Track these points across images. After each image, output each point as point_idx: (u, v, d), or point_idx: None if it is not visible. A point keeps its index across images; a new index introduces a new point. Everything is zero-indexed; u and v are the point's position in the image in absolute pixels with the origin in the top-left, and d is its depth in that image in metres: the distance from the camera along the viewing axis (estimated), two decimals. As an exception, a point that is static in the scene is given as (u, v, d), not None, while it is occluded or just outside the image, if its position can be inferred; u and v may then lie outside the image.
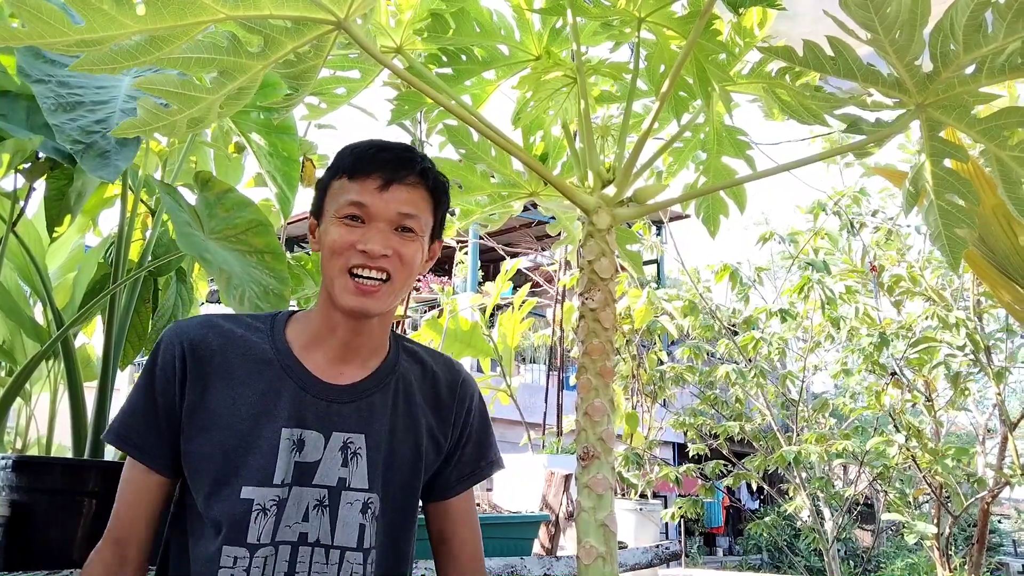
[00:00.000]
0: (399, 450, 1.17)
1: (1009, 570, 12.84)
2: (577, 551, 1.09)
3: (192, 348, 1.10)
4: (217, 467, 1.07)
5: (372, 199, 1.08)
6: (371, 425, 1.14)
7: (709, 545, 15.59)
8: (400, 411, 1.18)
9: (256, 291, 1.58)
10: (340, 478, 1.11)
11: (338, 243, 1.08)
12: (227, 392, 1.09)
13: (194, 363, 1.10)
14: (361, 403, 1.14)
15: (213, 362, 1.10)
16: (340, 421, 1.12)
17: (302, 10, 1.02)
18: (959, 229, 1.14)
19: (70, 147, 1.33)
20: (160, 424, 1.09)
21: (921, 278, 4.80)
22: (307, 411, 1.11)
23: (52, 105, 1.36)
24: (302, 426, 1.10)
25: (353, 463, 1.12)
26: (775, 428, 5.64)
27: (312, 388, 1.12)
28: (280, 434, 1.08)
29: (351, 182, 1.10)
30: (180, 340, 1.11)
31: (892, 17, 0.98)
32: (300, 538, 1.08)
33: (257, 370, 1.11)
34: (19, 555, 1.48)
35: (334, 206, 1.10)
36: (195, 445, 1.08)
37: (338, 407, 1.13)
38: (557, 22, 1.39)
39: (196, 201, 1.75)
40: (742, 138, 1.48)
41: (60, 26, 0.89)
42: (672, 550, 2.67)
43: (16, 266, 2.01)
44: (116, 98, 1.45)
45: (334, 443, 1.11)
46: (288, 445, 1.08)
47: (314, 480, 1.09)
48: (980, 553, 4.21)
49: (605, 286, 1.17)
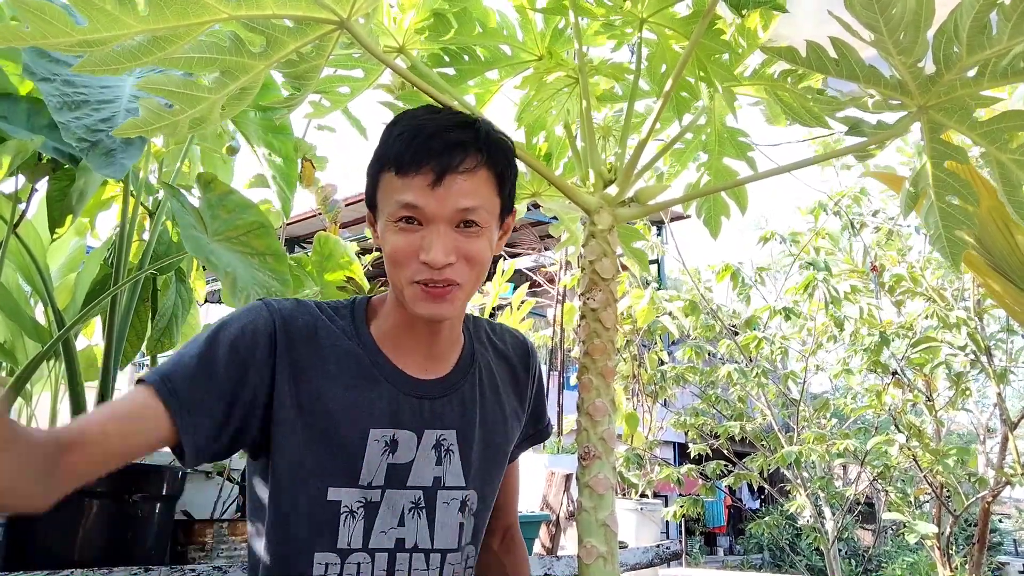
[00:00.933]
0: (491, 441, 1.13)
1: (1009, 570, 12.84)
2: (578, 551, 1.09)
3: (285, 329, 1.00)
4: (302, 464, 0.99)
5: (425, 199, 0.95)
6: (463, 419, 1.09)
7: (710, 544, 15.60)
8: (488, 400, 1.14)
9: (259, 293, 1.58)
10: (435, 477, 1.06)
11: (399, 253, 0.98)
12: (318, 382, 1.00)
13: (286, 345, 0.99)
14: (452, 397, 1.09)
15: (306, 347, 1.01)
16: (432, 418, 1.06)
17: (304, 10, 1.02)
18: (959, 230, 1.14)
19: (76, 145, 1.33)
20: (211, 387, 0.94)
21: (922, 278, 4.80)
22: (399, 409, 1.04)
23: (58, 103, 1.36)
24: (395, 426, 1.03)
25: (447, 460, 1.07)
26: (776, 428, 5.64)
27: (402, 385, 1.05)
28: (369, 434, 1.01)
29: (399, 178, 0.96)
30: (272, 316, 1.00)
31: (897, 18, 0.98)
32: (397, 544, 1.03)
33: (346, 363, 1.03)
34: (19, 555, 1.49)
35: (387, 206, 0.99)
36: (281, 436, 0.98)
37: (429, 403, 1.07)
38: (560, 22, 1.39)
39: (199, 202, 1.76)
40: (743, 139, 1.48)
41: (63, 26, 0.89)
42: (673, 550, 2.67)
43: (17, 267, 2.01)
44: (120, 97, 1.46)
45: (427, 441, 1.05)
46: (379, 446, 1.02)
47: (408, 482, 1.04)
48: (981, 552, 4.21)
49: (606, 286, 1.17)
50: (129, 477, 1.64)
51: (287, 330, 1.00)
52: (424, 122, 0.99)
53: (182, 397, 0.93)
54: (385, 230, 0.99)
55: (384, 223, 1.00)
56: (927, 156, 1.14)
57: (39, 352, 1.73)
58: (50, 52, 1.45)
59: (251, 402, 0.97)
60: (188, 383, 0.94)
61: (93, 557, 1.52)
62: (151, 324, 2.15)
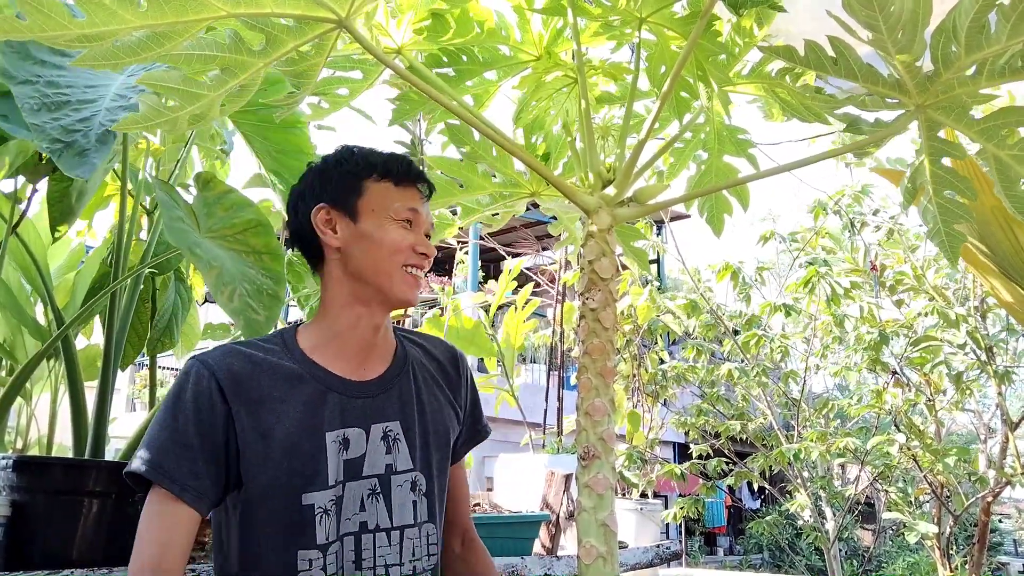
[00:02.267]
0: (431, 427, 1.26)
1: (1010, 570, 12.84)
2: (578, 551, 1.09)
3: (226, 377, 1.12)
4: (276, 481, 1.10)
5: (420, 209, 1.21)
6: (403, 410, 1.22)
7: (710, 544, 15.59)
8: (423, 392, 1.27)
9: (248, 289, 1.57)
10: (387, 464, 1.19)
11: (400, 243, 1.18)
12: (270, 410, 1.12)
13: (232, 391, 1.11)
14: (391, 392, 1.22)
15: (248, 387, 1.12)
16: (375, 413, 1.19)
17: (303, 9, 1.02)
18: (957, 225, 1.15)
19: (48, 147, 1.33)
20: (197, 459, 1.08)
21: (923, 278, 4.80)
22: (345, 411, 1.17)
23: (35, 105, 1.37)
24: (344, 426, 1.16)
25: (395, 448, 1.20)
26: (776, 428, 5.64)
27: (344, 389, 1.18)
28: (326, 438, 1.14)
29: (397, 188, 1.20)
30: (210, 371, 1.12)
31: (895, 17, 0.98)
32: (361, 527, 1.15)
33: (289, 385, 1.15)
34: (19, 555, 1.49)
35: (384, 207, 1.19)
36: (255, 466, 1.10)
37: (371, 401, 1.19)
38: (558, 22, 1.39)
39: (194, 200, 1.75)
40: (743, 137, 1.48)
41: (61, 20, 0.89)
42: (673, 550, 2.67)
43: (18, 266, 2.02)
44: (104, 97, 1.45)
45: (375, 434, 1.18)
46: (336, 448, 1.14)
47: (363, 472, 1.16)
48: (981, 552, 4.21)
49: (605, 286, 1.17)
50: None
51: (229, 375, 1.12)
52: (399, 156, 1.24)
53: (182, 483, 1.07)
54: (385, 224, 1.18)
55: (380, 220, 1.18)
56: (925, 153, 1.14)
57: (38, 351, 1.72)
58: (35, 54, 1.45)
59: (226, 445, 1.11)
60: (177, 465, 1.07)
61: (93, 557, 1.52)
62: (151, 324, 2.15)
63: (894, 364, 4.89)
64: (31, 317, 2.01)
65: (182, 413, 1.09)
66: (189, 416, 1.09)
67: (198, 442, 1.08)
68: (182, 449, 1.08)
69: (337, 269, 1.20)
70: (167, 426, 1.09)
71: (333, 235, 1.19)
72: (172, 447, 1.08)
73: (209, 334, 2.77)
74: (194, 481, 1.07)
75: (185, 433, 1.08)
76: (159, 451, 1.08)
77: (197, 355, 1.15)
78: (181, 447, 1.08)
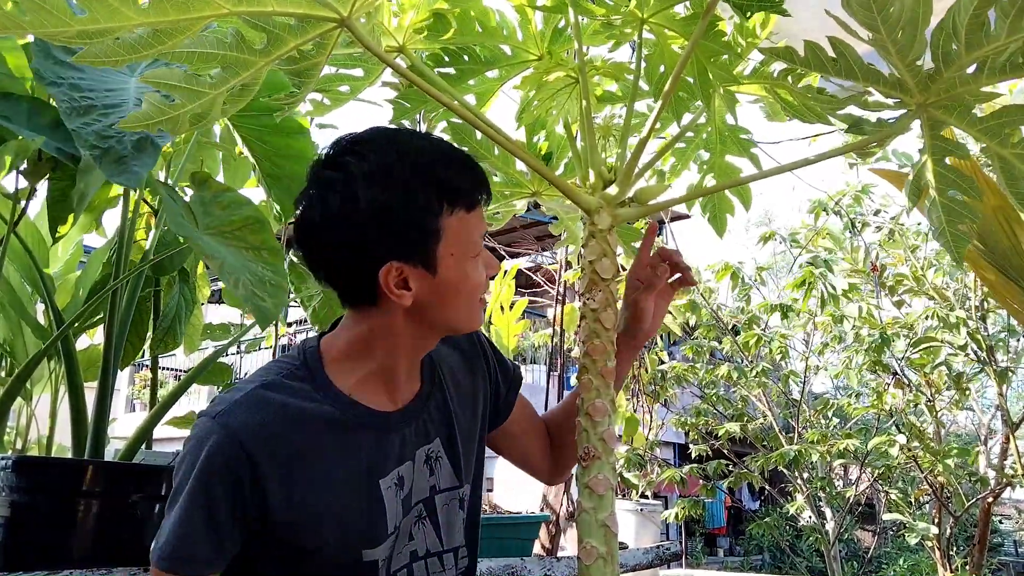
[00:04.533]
0: (467, 428, 1.15)
1: (1010, 570, 12.83)
2: (578, 552, 1.09)
3: (255, 444, 0.93)
4: (326, 545, 0.97)
5: (485, 227, 1.03)
6: (443, 425, 1.11)
7: (710, 545, 15.59)
8: (454, 395, 1.15)
9: (251, 279, 1.57)
10: (431, 486, 1.08)
11: (482, 283, 1.02)
12: (313, 470, 0.96)
13: (264, 459, 0.93)
14: (429, 410, 1.10)
15: (284, 448, 0.94)
16: (418, 438, 1.07)
17: (305, 8, 1.02)
18: (962, 225, 1.15)
19: (89, 152, 1.32)
20: (223, 537, 0.93)
21: (923, 278, 4.80)
22: (393, 450, 1.03)
23: (67, 109, 1.36)
24: (397, 465, 1.03)
25: (438, 467, 1.09)
26: (776, 428, 5.63)
27: (388, 426, 1.04)
28: (380, 487, 1.00)
29: (470, 215, 0.99)
30: (237, 439, 0.92)
31: (895, 17, 0.98)
32: (412, 556, 1.05)
33: (331, 437, 0.98)
34: (19, 555, 1.48)
35: (464, 247, 0.98)
36: (302, 535, 0.95)
37: (413, 427, 1.07)
38: (559, 22, 1.39)
39: (191, 199, 1.76)
40: (745, 137, 1.48)
41: (62, 16, 0.88)
42: (673, 550, 2.67)
43: (18, 266, 2.02)
44: (127, 101, 1.45)
45: (419, 460, 1.07)
46: (393, 492, 1.02)
47: (412, 502, 1.05)
48: (981, 553, 4.21)
49: (606, 286, 1.17)
50: (129, 477, 1.64)
51: (258, 448, 0.93)
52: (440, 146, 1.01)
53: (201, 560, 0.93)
54: (461, 270, 0.99)
55: (458, 264, 0.98)
56: (927, 153, 1.14)
57: (38, 351, 1.72)
58: (55, 54, 1.45)
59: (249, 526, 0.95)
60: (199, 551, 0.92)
61: (93, 557, 1.52)
62: (153, 324, 2.15)
63: (895, 365, 4.89)
64: (32, 317, 2.00)
65: (205, 491, 0.92)
66: (214, 497, 0.92)
67: (227, 519, 0.93)
68: (206, 532, 0.92)
69: (400, 318, 1.00)
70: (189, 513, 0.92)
71: (407, 294, 0.97)
72: (194, 532, 0.92)
73: (209, 334, 2.77)
74: (220, 558, 0.94)
75: (208, 514, 0.92)
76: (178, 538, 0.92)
77: (218, 414, 0.94)
78: (204, 530, 0.92)
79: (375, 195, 0.93)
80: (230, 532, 0.93)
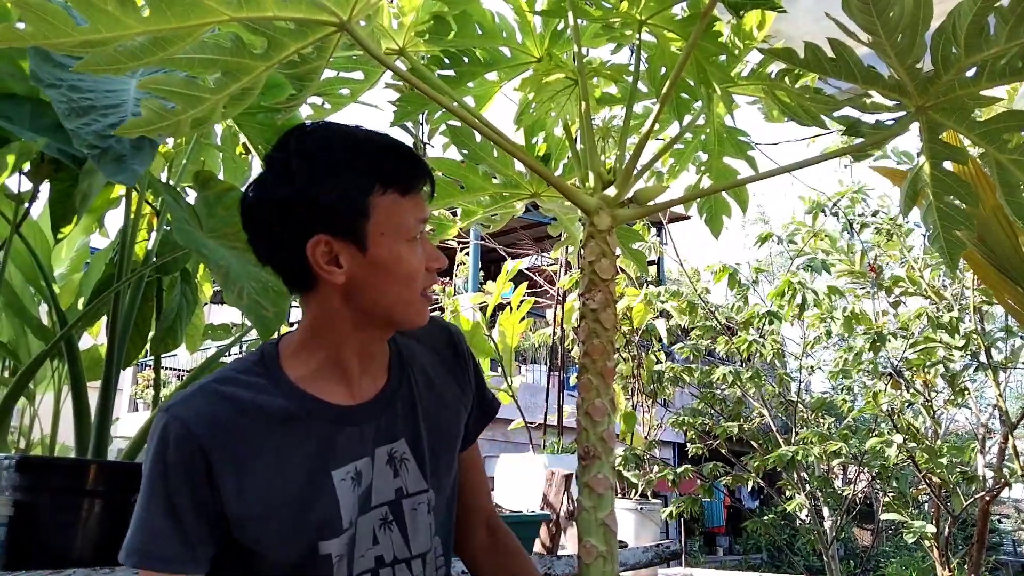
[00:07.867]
0: (438, 432, 1.12)
1: (1009, 570, 12.84)
2: (578, 550, 1.10)
3: (207, 434, 0.95)
4: (282, 536, 0.97)
5: (427, 215, 1.03)
6: (408, 424, 1.08)
7: (710, 545, 15.60)
8: (425, 395, 1.12)
9: (255, 287, 1.57)
10: (396, 489, 1.05)
11: (417, 269, 1.01)
12: (263, 461, 0.97)
13: (215, 449, 0.94)
14: (393, 407, 1.07)
15: (234, 437, 0.96)
16: (379, 436, 1.05)
17: (305, 12, 1.03)
18: (958, 231, 1.15)
19: (87, 151, 1.32)
20: (186, 529, 0.94)
21: (920, 279, 4.80)
22: (348, 443, 1.02)
23: (65, 110, 1.36)
24: (354, 459, 1.02)
25: (403, 469, 1.06)
26: (773, 428, 5.64)
27: (344, 419, 1.02)
28: (333, 479, 1.00)
29: (405, 199, 0.99)
30: (187, 428, 0.94)
31: (895, 20, 0.99)
32: (377, 562, 1.03)
33: (283, 428, 0.99)
34: (22, 555, 1.49)
35: (395, 227, 0.98)
36: (254, 528, 0.96)
37: (374, 423, 1.05)
38: (559, 24, 1.40)
39: (195, 200, 1.76)
40: (743, 139, 1.49)
41: (64, 27, 0.89)
42: (672, 549, 2.67)
43: (21, 267, 2.02)
44: (126, 102, 1.45)
45: (379, 459, 1.04)
46: (347, 485, 1.01)
47: (372, 503, 1.03)
48: (979, 553, 4.21)
49: (606, 287, 1.18)
50: (129, 477, 1.65)
51: (210, 427, 0.95)
52: (394, 143, 1.01)
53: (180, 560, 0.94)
54: (398, 249, 0.99)
55: (389, 245, 0.99)
56: (925, 156, 1.15)
57: (41, 351, 1.73)
58: (54, 56, 1.45)
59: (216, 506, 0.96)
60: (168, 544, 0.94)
61: (95, 556, 1.53)
62: (155, 324, 2.16)
63: (891, 365, 4.89)
64: (35, 317, 2.01)
65: (162, 482, 0.94)
66: (169, 485, 0.94)
67: (186, 508, 0.94)
68: (166, 523, 0.94)
69: (337, 300, 1.00)
70: (148, 501, 0.95)
71: (338, 271, 0.97)
72: (155, 525, 0.94)
73: (210, 335, 2.77)
74: (185, 553, 0.94)
75: (168, 504, 0.94)
76: (142, 532, 0.94)
77: (171, 406, 0.97)
78: (164, 521, 0.94)
79: (306, 170, 0.96)
80: (194, 526, 0.94)
